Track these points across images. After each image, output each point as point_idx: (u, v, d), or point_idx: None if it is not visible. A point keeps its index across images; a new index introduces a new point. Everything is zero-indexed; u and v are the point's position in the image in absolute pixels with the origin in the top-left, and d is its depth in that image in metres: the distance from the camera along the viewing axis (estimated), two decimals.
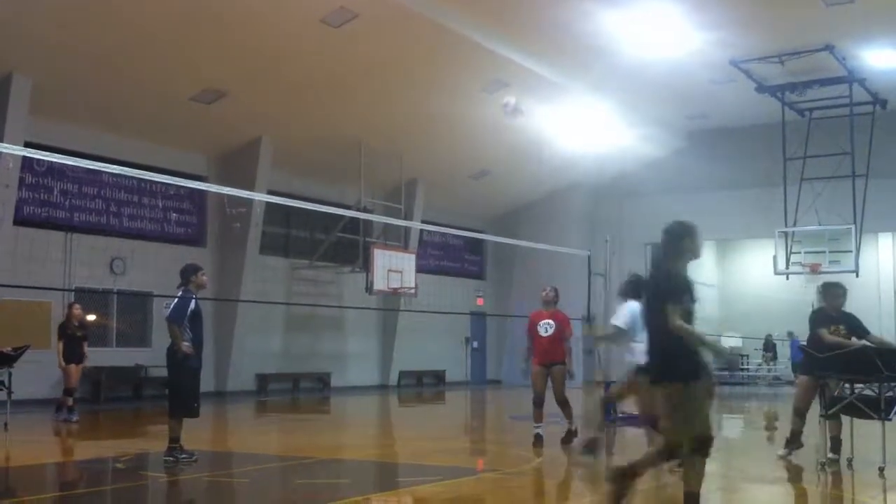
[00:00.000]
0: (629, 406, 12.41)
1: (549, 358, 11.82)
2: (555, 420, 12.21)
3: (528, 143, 25.90)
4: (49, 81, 18.05)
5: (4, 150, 13.39)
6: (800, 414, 10.35)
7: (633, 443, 13.56)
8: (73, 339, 15.36)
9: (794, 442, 10.36)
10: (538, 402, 11.86)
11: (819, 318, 10.16)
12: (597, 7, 18.54)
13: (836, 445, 10.04)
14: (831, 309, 10.15)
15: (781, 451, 10.50)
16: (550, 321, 11.90)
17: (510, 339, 31.38)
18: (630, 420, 15.41)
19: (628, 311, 9.39)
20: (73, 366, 15.25)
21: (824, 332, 9.90)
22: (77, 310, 15.63)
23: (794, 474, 9.97)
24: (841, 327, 9.98)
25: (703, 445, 6.33)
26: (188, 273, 10.17)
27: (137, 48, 17.81)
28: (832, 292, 10.23)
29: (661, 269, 6.72)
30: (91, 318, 18.57)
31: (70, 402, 15.21)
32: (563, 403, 11.89)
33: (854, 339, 9.90)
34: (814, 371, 9.95)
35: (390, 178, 25.53)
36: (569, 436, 11.79)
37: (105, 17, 16.62)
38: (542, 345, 11.87)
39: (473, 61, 20.85)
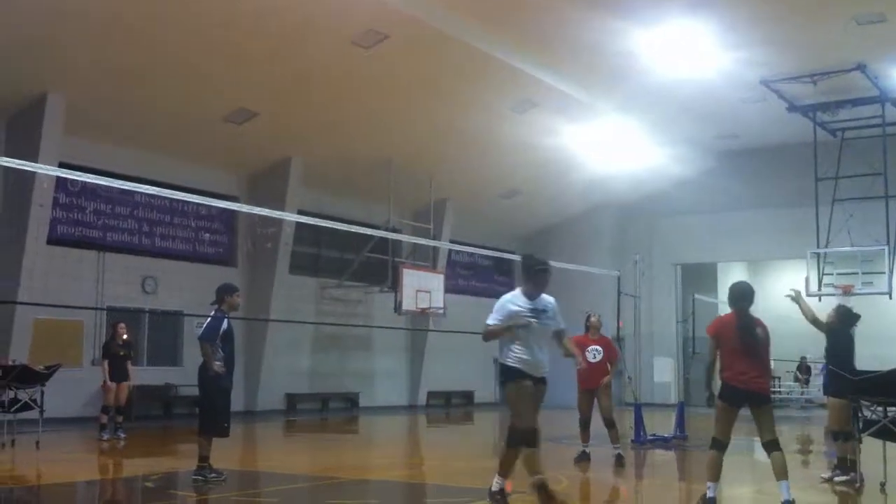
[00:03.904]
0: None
1: (594, 384, 11.92)
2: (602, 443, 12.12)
3: (558, 162, 25.88)
4: (83, 101, 18.28)
5: (39, 170, 13.54)
6: (839, 437, 10.25)
7: (662, 462, 13.47)
8: (117, 358, 15.48)
9: (843, 466, 10.23)
10: (584, 424, 12.04)
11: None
12: (626, 27, 18.50)
13: (843, 466, 10.03)
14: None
15: (826, 475, 10.42)
16: (598, 347, 12.05)
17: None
18: (659, 441, 15.31)
19: None
20: (116, 384, 15.36)
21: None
22: (122, 329, 15.74)
23: (834, 497, 9.83)
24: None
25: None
26: (223, 292, 10.19)
27: (171, 69, 18.00)
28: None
29: None
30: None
31: (105, 419, 15.31)
32: (611, 424, 11.89)
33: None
34: (842, 393, 9.92)
35: (419, 198, 25.58)
36: (619, 459, 11.77)
37: (138, 37, 16.81)
38: (589, 371, 11.85)
39: (503, 81, 20.88)
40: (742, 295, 8.20)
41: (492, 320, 7.96)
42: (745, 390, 7.82)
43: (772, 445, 7.88)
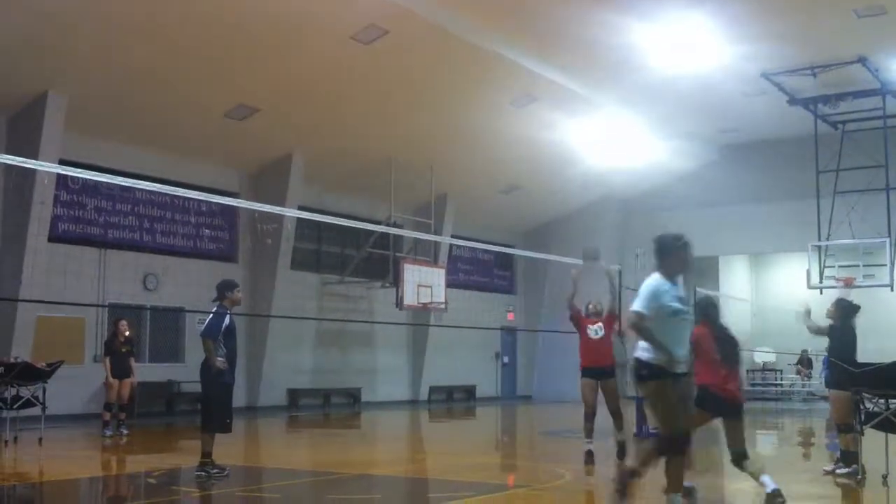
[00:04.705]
0: None
1: (600, 362, 11.70)
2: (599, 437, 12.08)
3: (559, 157, 25.87)
4: (83, 99, 18.28)
5: (40, 168, 13.53)
6: (843, 430, 10.26)
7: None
8: (119, 355, 15.50)
9: (848, 459, 10.23)
10: (589, 416, 11.65)
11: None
12: (626, 21, 18.49)
13: (846, 458, 10.05)
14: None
15: (829, 467, 10.43)
16: (600, 324, 11.91)
17: (540, 353, 31.33)
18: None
19: None
20: (118, 381, 15.38)
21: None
22: (123, 326, 15.75)
23: (837, 490, 9.84)
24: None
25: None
26: (224, 289, 10.20)
27: (171, 65, 18.00)
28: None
29: None
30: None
31: (108, 416, 15.33)
32: (617, 414, 11.78)
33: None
34: (844, 385, 9.94)
35: (420, 193, 25.58)
36: (622, 449, 11.63)
37: (139, 35, 16.81)
38: (593, 346, 11.78)
39: (503, 76, 20.87)
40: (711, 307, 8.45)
41: (643, 307, 6.93)
42: (724, 398, 7.98)
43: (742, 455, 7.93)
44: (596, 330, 11.88)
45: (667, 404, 6.92)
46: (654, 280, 7.08)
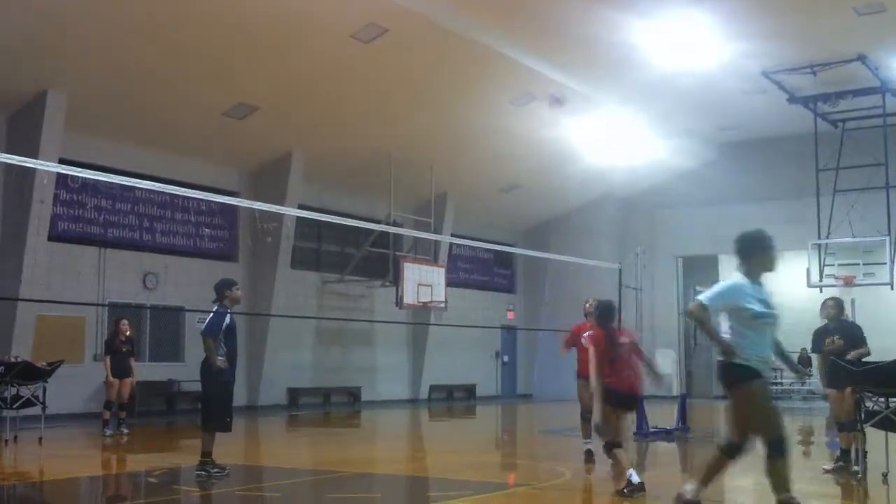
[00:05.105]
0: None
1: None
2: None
3: (558, 155, 25.87)
4: (83, 98, 18.27)
5: (40, 167, 13.52)
6: (844, 428, 10.27)
7: (665, 454, 13.49)
8: (120, 355, 15.50)
9: (847, 457, 10.24)
10: (586, 416, 11.62)
11: (817, 337, 10.75)
12: (626, 19, 18.48)
13: (845, 456, 10.08)
14: (829, 322, 10.70)
15: (829, 466, 10.44)
16: None
17: (540, 352, 31.31)
18: (661, 434, 15.33)
19: None
20: (118, 380, 15.38)
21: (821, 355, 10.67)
22: (124, 325, 15.76)
23: (837, 488, 9.84)
24: (836, 338, 10.46)
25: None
26: (223, 288, 10.20)
27: (170, 64, 18.00)
28: (823, 304, 10.92)
29: None
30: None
31: (108, 415, 15.33)
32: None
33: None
34: (841, 384, 9.97)
35: (420, 192, 25.58)
36: (608, 446, 11.63)
37: (138, 34, 16.80)
38: (587, 358, 11.77)
39: (502, 74, 20.86)
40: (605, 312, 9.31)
41: (708, 300, 6.74)
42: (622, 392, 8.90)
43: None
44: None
45: (763, 406, 6.65)
46: (734, 279, 6.90)
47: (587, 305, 12.16)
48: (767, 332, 6.75)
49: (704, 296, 6.76)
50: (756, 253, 6.85)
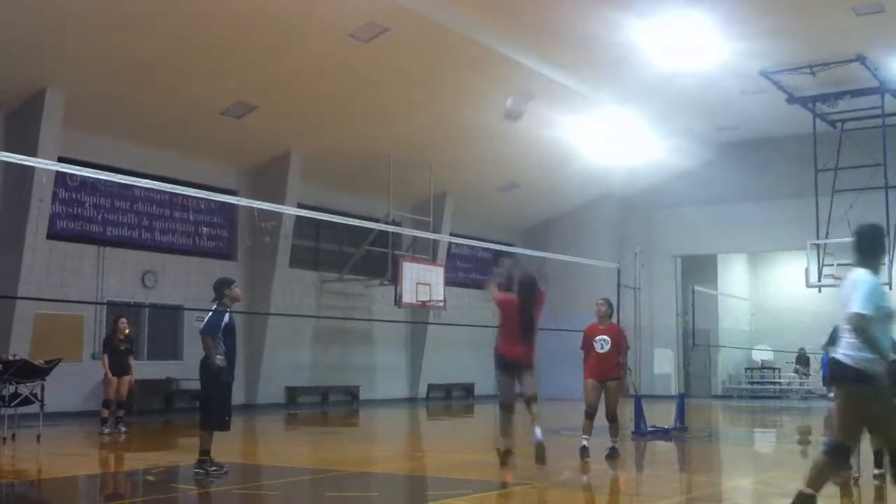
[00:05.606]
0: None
1: (604, 375, 11.83)
2: (598, 433, 12.12)
3: (557, 155, 25.87)
4: (82, 96, 18.26)
5: (38, 165, 13.52)
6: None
7: (663, 454, 13.50)
8: (118, 353, 15.50)
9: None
10: (590, 414, 11.83)
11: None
12: (625, 18, 18.48)
13: (878, 459, 10.00)
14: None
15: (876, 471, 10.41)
16: (606, 337, 11.91)
17: (539, 351, 31.24)
18: (659, 433, 15.33)
19: None
20: (116, 378, 15.37)
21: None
22: (123, 324, 15.75)
23: (835, 488, 9.82)
24: None
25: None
26: (221, 287, 10.21)
27: (170, 63, 17.98)
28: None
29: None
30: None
31: (106, 413, 15.33)
32: (614, 419, 11.87)
33: None
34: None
35: (419, 191, 25.57)
36: (612, 452, 11.74)
37: (137, 32, 16.79)
38: (598, 361, 11.83)
39: (501, 74, 20.85)
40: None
41: (866, 308, 6.15)
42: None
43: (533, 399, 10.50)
44: (601, 343, 11.91)
45: (883, 410, 6.29)
46: (868, 276, 6.32)
47: (598, 307, 12.24)
48: (890, 331, 6.49)
49: (859, 305, 6.17)
50: (882, 249, 6.54)
